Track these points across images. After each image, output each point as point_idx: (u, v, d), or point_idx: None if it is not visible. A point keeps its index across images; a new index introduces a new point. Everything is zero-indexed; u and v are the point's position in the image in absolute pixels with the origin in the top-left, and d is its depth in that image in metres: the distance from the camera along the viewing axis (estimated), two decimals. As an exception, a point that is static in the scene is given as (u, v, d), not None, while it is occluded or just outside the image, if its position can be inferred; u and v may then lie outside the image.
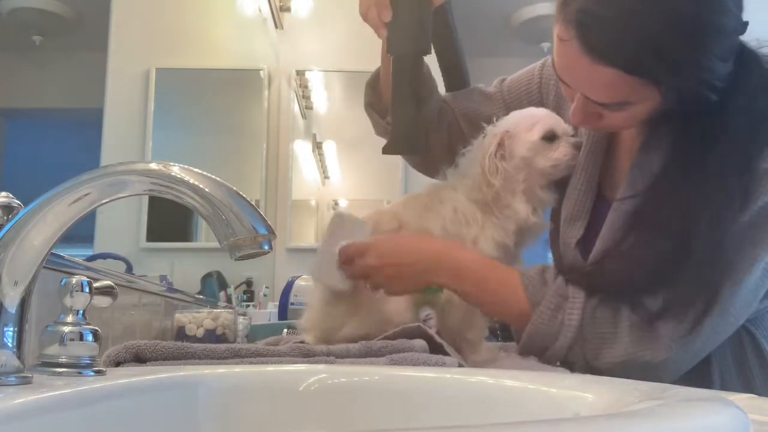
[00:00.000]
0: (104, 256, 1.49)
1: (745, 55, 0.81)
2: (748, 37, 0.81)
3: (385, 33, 0.95)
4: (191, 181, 0.47)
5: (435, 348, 0.79)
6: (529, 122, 0.98)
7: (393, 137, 0.98)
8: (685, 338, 0.79)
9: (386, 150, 0.98)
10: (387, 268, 0.90)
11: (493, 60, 3.12)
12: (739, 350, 0.89)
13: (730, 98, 0.78)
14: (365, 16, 0.96)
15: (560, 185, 1.00)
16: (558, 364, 0.88)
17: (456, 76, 1.14)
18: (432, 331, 0.85)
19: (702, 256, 0.77)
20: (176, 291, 1.50)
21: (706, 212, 0.78)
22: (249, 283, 2.49)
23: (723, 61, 0.76)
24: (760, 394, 0.82)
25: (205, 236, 2.34)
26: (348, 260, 0.92)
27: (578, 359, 0.84)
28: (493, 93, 1.11)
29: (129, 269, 1.53)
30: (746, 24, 0.79)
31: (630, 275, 0.82)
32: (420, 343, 0.77)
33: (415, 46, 0.94)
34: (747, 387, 0.87)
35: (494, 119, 1.01)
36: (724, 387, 0.87)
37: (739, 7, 0.77)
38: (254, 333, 1.67)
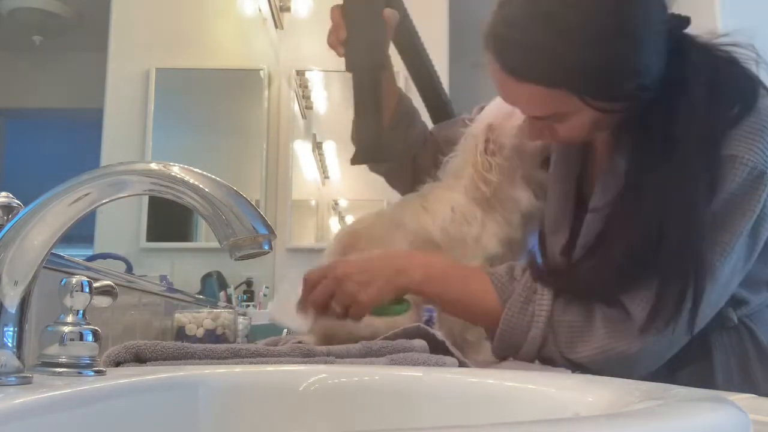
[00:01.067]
0: (104, 256, 1.49)
1: (694, 49, 0.82)
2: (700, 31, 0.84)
3: (342, 52, 1.01)
4: (191, 181, 0.47)
5: (435, 348, 0.79)
6: (506, 110, 0.98)
7: (357, 148, 1.02)
8: (661, 330, 0.78)
9: (353, 161, 1.03)
10: (357, 275, 0.87)
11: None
12: (740, 347, 0.89)
13: (685, 93, 0.80)
14: (329, 43, 1.02)
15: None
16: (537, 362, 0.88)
17: (439, 109, 1.23)
18: (433, 330, 0.84)
19: (676, 250, 0.78)
20: (176, 291, 1.50)
21: (676, 207, 0.78)
22: (249, 283, 2.49)
23: (647, 63, 0.78)
24: (762, 392, 0.83)
25: (205, 236, 2.34)
26: (310, 286, 0.89)
27: (554, 355, 0.83)
28: (473, 119, 1.15)
29: (129, 269, 1.53)
30: (682, 20, 0.82)
31: (603, 276, 0.82)
32: (420, 343, 0.77)
33: (371, 60, 1.00)
34: (749, 384, 0.87)
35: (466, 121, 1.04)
36: (727, 385, 0.87)
37: (662, 10, 0.80)
38: (254, 333, 1.67)
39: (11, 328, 0.46)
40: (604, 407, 0.41)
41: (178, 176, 0.47)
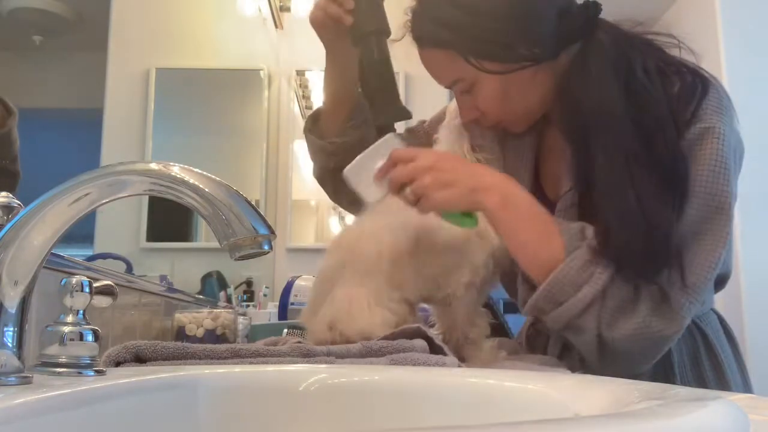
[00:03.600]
0: (105, 256, 1.49)
1: (601, 35, 0.89)
2: None
3: (350, 20, 1.02)
4: (191, 181, 0.47)
5: (435, 348, 0.79)
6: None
7: (393, 108, 1.02)
8: (692, 305, 0.80)
9: (393, 118, 1.02)
10: (440, 173, 0.85)
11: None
12: (693, 346, 0.95)
13: (634, 78, 0.85)
14: (322, 16, 1.03)
15: None
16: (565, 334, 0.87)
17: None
18: (431, 333, 0.84)
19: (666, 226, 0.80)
20: (176, 291, 1.50)
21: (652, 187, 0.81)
22: (249, 283, 2.49)
23: (538, 32, 0.88)
24: (710, 387, 0.91)
25: (205, 236, 2.34)
26: (394, 163, 0.88)
27: (590, 326, 0.82)
28: (415, 127, 1.20)
29: (129, 269, 1.53)
30: (593, 4, 0.90)
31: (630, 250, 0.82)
32: (420, 343, 0.77)
33: (377, 24, 1.02)
34: (700, 380, 0.93)
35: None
36: (683, 380, 0.93)
37: None
38: (254, 333, 1.67)
39: (11, 328, 0.46)
40: (604, 407, 0.41)
41: (178, 176, 0.47)
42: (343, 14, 1.00)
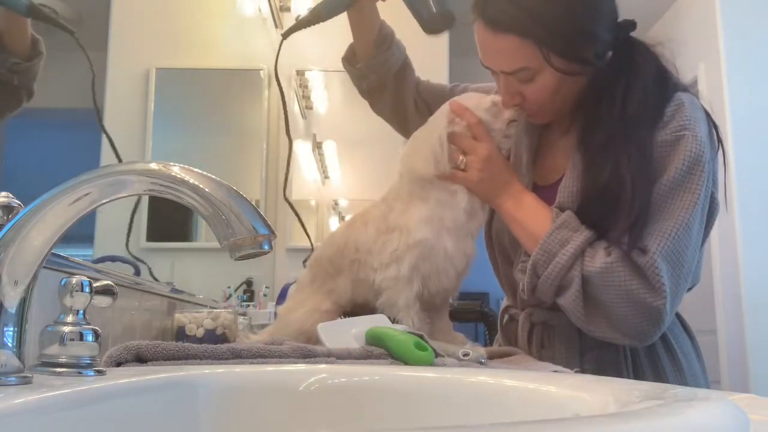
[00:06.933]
0: (113, 258, 1.49)
1: (642, 49, 0.98)
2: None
3: None
4: (191, 181, 0.47)
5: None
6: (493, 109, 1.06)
7: (434, 15, 1.12)
8: (659, 269, 0.87)
9: (433, 31, 1.13)
10: (490, 163, 1.00)
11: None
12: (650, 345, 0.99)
13: (631, 84, 0.94)
14: None
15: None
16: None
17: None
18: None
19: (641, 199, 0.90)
20: (178, 291, 1.50)
21: (631, 179, 0.90)
22: (249, 283, 2.49)
23: (602, 35, 0.93)
24: (667, 376, 0.98)
25: (205, 236, 2.34)
26: (465, 115, 1.01)
27: (575, 274, 0.90)
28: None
29: (137, 273, 1.53)
30: (631, 22, 0.97)
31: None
32: (420, 343, 0.77)
33: None
34: (657, 375, 0.99)
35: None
36: (636, 368, 0.99)
37: (614, 5, 0.96)
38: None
39: (11, 328, 0.46)
40: (604, 407, 0.41)
41: (178, 176, 0.47)
42: None
